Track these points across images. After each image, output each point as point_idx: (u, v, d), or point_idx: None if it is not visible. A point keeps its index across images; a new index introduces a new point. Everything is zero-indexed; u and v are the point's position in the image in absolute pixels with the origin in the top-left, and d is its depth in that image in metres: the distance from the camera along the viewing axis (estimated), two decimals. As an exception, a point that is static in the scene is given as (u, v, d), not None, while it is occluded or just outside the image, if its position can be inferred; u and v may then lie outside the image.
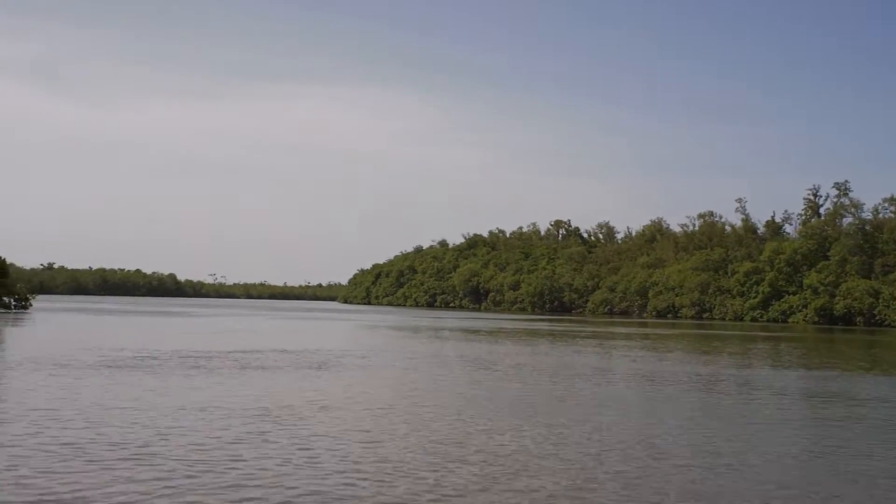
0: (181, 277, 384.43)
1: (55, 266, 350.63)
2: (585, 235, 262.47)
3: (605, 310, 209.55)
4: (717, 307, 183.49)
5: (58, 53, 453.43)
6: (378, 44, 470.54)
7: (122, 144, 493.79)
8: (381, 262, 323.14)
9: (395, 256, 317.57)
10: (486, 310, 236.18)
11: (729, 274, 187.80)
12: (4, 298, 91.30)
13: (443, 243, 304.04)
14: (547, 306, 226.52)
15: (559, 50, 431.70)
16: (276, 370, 34.29)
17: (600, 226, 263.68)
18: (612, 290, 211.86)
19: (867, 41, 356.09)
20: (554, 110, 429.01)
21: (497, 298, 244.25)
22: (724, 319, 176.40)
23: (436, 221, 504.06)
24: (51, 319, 77.36)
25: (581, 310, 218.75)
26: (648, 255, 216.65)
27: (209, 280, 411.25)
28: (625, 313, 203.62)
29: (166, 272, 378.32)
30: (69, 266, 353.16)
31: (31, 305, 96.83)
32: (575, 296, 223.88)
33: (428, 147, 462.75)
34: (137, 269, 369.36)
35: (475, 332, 79.75)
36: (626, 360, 46.56)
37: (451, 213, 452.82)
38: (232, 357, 39.67)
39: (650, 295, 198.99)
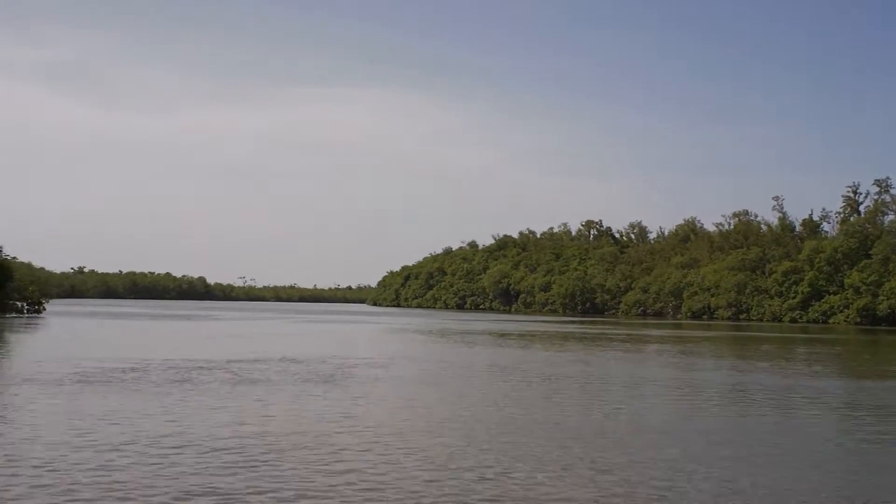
0: (211, 281, 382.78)
1: (86, 270, 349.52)
2: (617, 236, 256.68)
3: (639, 311, 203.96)
4: (754, 308, 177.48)
5: (83, 58, 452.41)
6: (403, 48, 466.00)
7: (151, 147, 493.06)
8: (411, 264, 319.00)
9: (425, 258, 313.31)
10: (517, 312, 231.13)
11: (767, 274, 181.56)
12: (17, 303, 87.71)
13: (472, 244, 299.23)
14: (579, 308, 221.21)
15: (582, 54, 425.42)
16: (272, 385, 29.86)
17: (632, 226, 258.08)
18: (646, 290, 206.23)
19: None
20: (582, 112, 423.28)
21: (528, 300, 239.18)
22: (761, 320, 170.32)
23: (464, 223, 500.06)
24: (57, 325, 73.57)
25: (614, 311, 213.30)
26: (682, 255, 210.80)
27: (239, 283, 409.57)
28: (659, 314, 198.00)
29: (196, 275, 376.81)
30: (100, 270, 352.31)
31: (44, 309, 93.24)
32: (607, 297, 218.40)
33: (457, 149, 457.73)
34: (167, 273, 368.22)
35: (505, 335, 75.13)
36: (668, 368, 41.77)
37: (479, 214, 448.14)
38: (230, 368, 35.32)
39: (685, 296, 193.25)
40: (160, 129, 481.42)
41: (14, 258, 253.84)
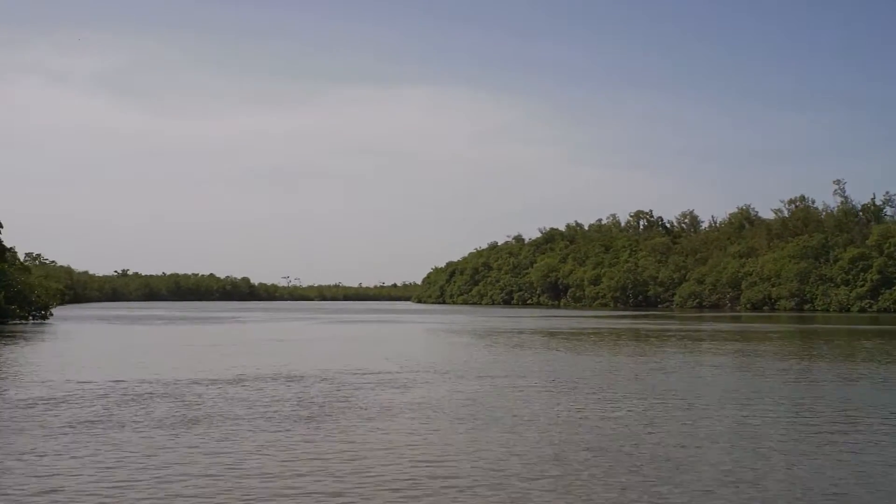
0: (255, 281, 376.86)
1: (129, 273, 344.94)
2: (668, 226, 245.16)
3: (694, 303, 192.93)
4: (818, 297, 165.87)
5: (131, 65, 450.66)
6: (450, 44, 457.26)
7: (197, 151, 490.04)
8: (456, 260, 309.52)
9: (470, 253, 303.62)
10: (566, 306, 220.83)
11: (831, 261, 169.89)
12: (15, 309, 79.61)
13: (518, 238, 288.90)
14: (630, 301, 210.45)
15: (631, 45, 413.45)
16: (268, 422, 20.84)
17: (684, 215, 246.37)
18: (701, 282, 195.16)
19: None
20: (623, 104, 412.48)
21: (577, 294, 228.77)
22: (827, 311, 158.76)
23: (510, 219, 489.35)
24: (55, 333, 65.19)
25: (668, 304, 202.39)
26: (739, 244, 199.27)
27: (283, 283, 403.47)
28: (715, 306, 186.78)
29: (240, 276, 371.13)
30: (143, 272, 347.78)
31: (50, 315, 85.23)
32: (660, 289, 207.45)
33: (503, 145, 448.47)
34: (211, 274, 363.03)
35: (559, 335, 65.54)
36: (778, 377, 31.90)
37: (525, 210, 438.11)
38: (185, 394, 26.26)
39: (743, 286, 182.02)
40: (206, 132, 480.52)
41: (52, 262, 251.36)
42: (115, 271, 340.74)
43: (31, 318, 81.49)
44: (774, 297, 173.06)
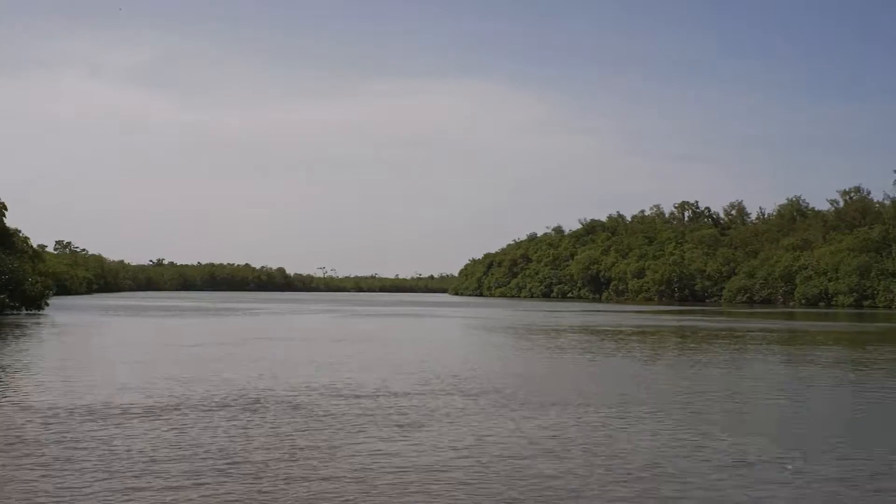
0: (290, 272, 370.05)
1: (164, 262, 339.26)
2: (716, 217, 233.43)
3: (744, 298, 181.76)
4: (881, 293, 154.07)
5: (170, 58, 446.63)
6: (490, 37, 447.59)
7: (235, 143, 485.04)
8: (493, 252, 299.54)
9: (508, 245, 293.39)
10: (608, 300, 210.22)
11: (893, 255, 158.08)
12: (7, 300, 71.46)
13: (558, 230, 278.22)
14: (676, 295, 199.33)
15: (670, 33, 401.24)
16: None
17: (731, 205, 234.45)
18: (752, 276, 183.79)
19: None
20: (664, 94, 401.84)
21: (620, 287, 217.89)
22: (889, 307, 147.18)
23: (547, 210, 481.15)
24: (27, 328, 56.74)
25: (716, 298, 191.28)
26: (792, 236, 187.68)
27: (318, 274, 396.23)
28: (767, 302, 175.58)
29: (275, 266, 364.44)
30: (178, 262, 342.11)
31: (45, 305, 76.93)
32: (708, 283, 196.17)
33: (543, 137, 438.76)
34: (246, 264, 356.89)
35: (605, 332, 55.96)
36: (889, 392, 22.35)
37: (564, 201, 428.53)
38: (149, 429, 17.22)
39: (797, 281, 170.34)
40: (244, 124, 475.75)
41: (83, 250, 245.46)
42: (150, 261, 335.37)
43: (23, 308, 73.18)
44: (832, 293, 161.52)
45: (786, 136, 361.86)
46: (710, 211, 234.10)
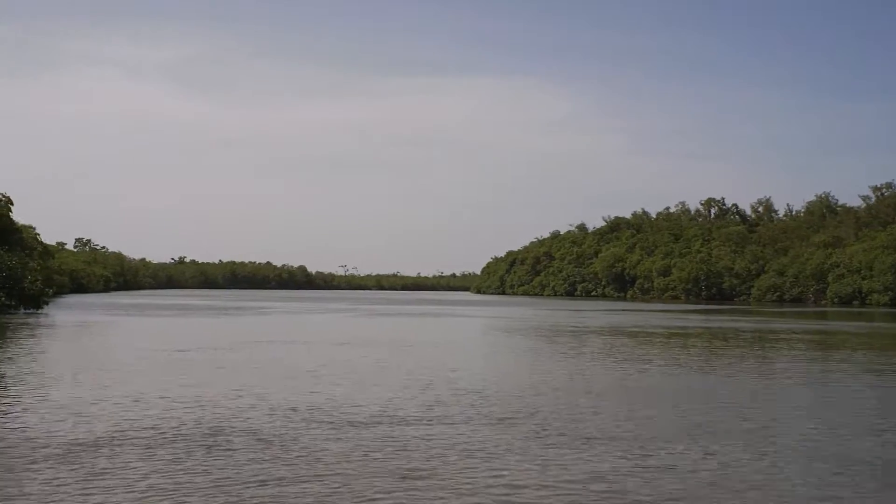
0: (312, 270, 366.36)
1: (186, 260, 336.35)
2: (744, 213, 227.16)
3: (774, 297, 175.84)
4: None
5: (198, 56, 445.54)
6: (512, 34, 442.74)
7: (257, 140, 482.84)
8: (516, 249, 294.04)
9: (531, 242, 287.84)
10: (633, 298, 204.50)
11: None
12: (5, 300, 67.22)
13: (581, 227, 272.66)
14: (703, 293, 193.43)
15: (693, 32, 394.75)
16: None
17: (759, 202, 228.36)
18: (782, 274, 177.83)
19: None
20: (687, 93, 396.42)
21: (645, 285, 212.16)
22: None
23: (570, 209, 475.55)
24: (27, 329, 52.43)
25: (744, 297, 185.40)
26: (824, 232, 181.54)
27: (340, 272, 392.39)
28: (798, 300, 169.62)
29: (297, 264, 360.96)
30: (200, 260, 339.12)
31: (45, 304, 72.66)
32: (736, 281, 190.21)
33: (565, 134, 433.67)
34: (268, 262, 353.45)
35: (637, 335, 51.04)
36: None
37: (588, 199, 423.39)
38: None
39: (830, 279, 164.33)
40: (267, 121, 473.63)
41: (103, 248, 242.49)
42: (172, 259, 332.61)
43: (22, 308, 68.98)
44: (865, 291, 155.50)
45: (806, 133, 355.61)
46: (737, 208, 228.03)
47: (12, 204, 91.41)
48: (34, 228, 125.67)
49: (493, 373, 28.36)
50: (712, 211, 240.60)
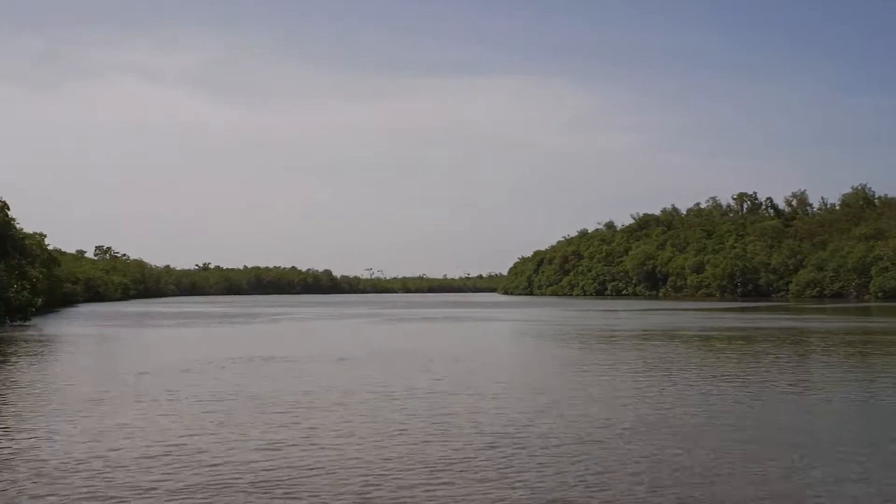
0: (337, 273, 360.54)
1: (210, 266, 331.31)
2: (778, 207, 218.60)
3: (814, 292, 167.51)
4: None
5: (218, 61, 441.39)
6: (535, 33, 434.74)
7: (281, 144, 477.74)
8: (543, 249, 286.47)
9: (558, 241, 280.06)
10: (666, 297, 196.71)
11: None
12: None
13: (609, 225, 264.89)
14: (739, 290, 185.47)
15: (712, 28, 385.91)
16: None
17: (794, 195, 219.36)
18: (821, 268, 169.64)
19: None
20: (710, 90, 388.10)
21: (677, 283, 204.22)
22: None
23: (598, 208, 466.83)
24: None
25: (782, 293, 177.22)
26: (865, 225, 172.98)
27: (365, 275, 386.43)
28: (838, 295, 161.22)
29: (322, 269, 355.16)
30: (224, 266, 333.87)
31: (32, 314, 66.45)
32: (773, 277, 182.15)
33: (590, 134, 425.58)
34: (293, 267, 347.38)
35: (689, 339, 44.31)
36: None
37: (614, 198, 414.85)
38: None
39: (872, 272, 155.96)
40: (291, 125, 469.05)
41: (124, 255, 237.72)
42: (196, 265, 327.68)
43: (7, 319, 62.87)
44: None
45: (823, 126, 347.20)
46: (771, 202, 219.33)
47: (8, 209, 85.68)
48: (42, 235, 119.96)
49: (528, 404, 21.59)
50: (744, 205, 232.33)
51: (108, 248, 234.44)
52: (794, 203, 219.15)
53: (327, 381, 25.64)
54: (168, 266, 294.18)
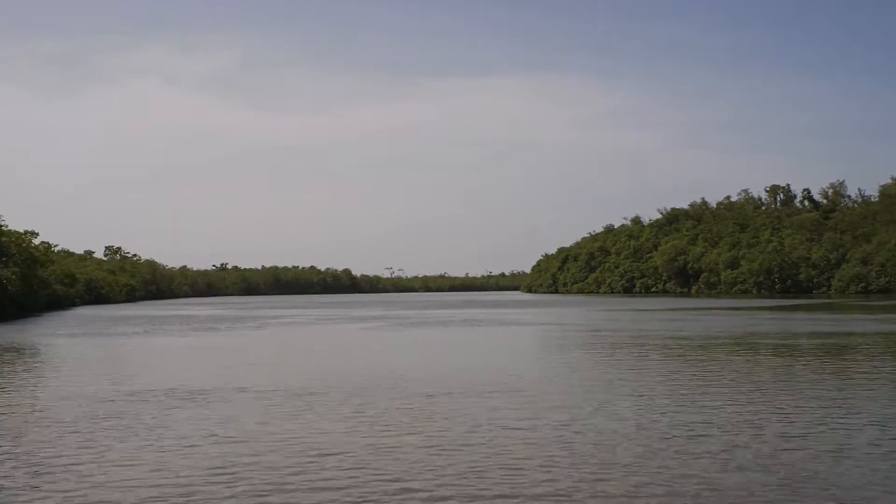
0: (357, 273, 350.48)
1: (228, 267, 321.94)
2: (816, 199, 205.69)
3: (859, 288, 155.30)
4: None
5: (235, 66, 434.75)
6: (557, 30, 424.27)
7: (301, 146, 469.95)
8: (567, 246, 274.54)
9: (583, 238, 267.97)
10: (699, 294, 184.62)
11: None
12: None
13: (636, 220, 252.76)
14: (777, 286, 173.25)
15: (733, 24, 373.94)
16: None
17: (831, 185, 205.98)
18: (866, 262, 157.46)
19: None
20: (728, 85, 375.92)
21: (711, 279, 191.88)
22: None
23: (621, 205, 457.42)
24: None
25: (824, 289, 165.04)
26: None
27: (386, 274, 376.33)
28: (886, 291, 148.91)
29: (341, 268, 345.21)
30: (242, 266, 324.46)
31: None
32: (814, 272, 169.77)
33: (613, 130, 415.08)
34: (311, 266, 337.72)
35: (767, 346, 33.29)
36: None
37: (633, 195, 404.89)
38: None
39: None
40: (310, 127, 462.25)
41: (134, 255, 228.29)
42: (213, 265, 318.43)
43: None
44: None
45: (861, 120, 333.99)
46: (808, 193, 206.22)
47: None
48: (32, 234, 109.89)
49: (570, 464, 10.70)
50: (777, 198, 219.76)
51: (119, 249, 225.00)
52: (830, 194, 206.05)
53: (274, 437, 14.83)
54: (185, 267, 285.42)
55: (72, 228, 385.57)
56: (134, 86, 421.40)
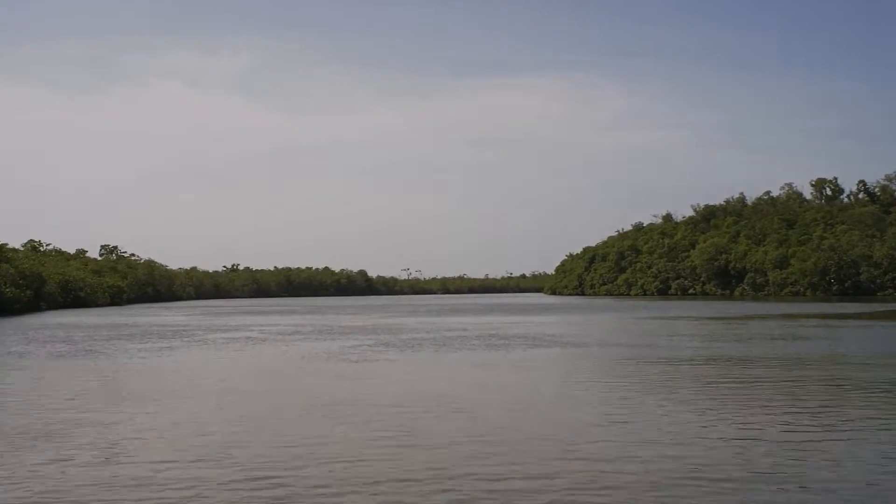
0: (373, 274, 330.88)
1: (239, 268, 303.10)
2: (873, 192, 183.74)
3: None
4: None
5: (259, 66, 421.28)
6: (575, 32, 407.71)
7: (322, 146, 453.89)
8: (593, 245, 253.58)
9: (610, 237, 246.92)
10: (744, 296, 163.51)
11: None
12: None
13: (668, 218, 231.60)
14: (834, 287, 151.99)
15: (755, 25, 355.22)
16: None
17: (887, 177, 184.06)
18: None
19: None
20: (750, 84, 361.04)
21: (757, 280, 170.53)
22: None
23: (642, 205, 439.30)
24: None
25: (889, 290, 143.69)
26: None
27: (402, 276, 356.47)
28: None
29: (356, 269, 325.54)
30: (254, 267, 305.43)
31: None
32: (876, 272, 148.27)
33: (633, 131, 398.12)
34: (325, 267, 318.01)
35: (801, 367, 13.34)
36: None
37: (663, 194, 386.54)
38: None
39: None
40: (330, 127, 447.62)
41: (132, 255, 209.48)
42: (224, 266, 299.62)
43: None
44: None
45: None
46: (864, 185, 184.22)
47: None
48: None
49: None
50: (823, 192, 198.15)
51: (115, 248, 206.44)
52: (888, 186, 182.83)
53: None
54: (194, 268, 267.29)
55: (84, 229, 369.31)
56: (157, 86, 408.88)
